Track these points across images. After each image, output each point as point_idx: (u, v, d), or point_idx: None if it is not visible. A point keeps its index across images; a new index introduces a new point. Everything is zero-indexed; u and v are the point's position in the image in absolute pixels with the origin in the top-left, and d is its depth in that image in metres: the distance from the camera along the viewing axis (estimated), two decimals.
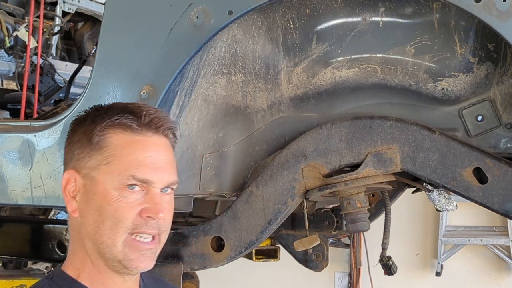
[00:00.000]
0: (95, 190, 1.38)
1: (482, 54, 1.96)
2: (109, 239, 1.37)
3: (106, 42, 2.03)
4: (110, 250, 1.37)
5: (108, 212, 1.36)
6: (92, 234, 1.39)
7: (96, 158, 1.39)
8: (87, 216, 1.39)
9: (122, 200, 1.36)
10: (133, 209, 1.36)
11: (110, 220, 1.36)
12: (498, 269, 5.31)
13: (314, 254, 2.89)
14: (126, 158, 1.37)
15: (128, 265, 1.38)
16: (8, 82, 3.79)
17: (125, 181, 1.36)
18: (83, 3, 4.17)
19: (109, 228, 1.36)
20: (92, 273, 1.41)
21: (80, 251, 1.42)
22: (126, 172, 1.36)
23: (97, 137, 1.39)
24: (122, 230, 1.36)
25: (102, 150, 1.39)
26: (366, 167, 1.98)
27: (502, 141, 2.01)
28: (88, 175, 1.39)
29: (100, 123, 1.40)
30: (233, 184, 2.18)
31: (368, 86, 2.09)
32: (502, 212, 1.90)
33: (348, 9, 2.01)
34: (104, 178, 1.37)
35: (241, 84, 2.10)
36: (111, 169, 1.37)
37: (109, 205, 1.36)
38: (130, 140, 1.39)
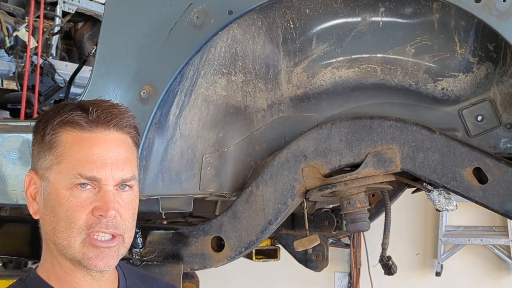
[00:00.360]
0: (49, 190, 1.35)
1: (482, 54, 1.96)
2: (65, 240, 1.34)
3: (106, 42, 2.03)
4: (68, 251, 1.34)
5: (61, 213, 1.33)
6: (51, 235, 1.37)
7: (49, 158, 1.36)
8: (45, 217, 1.37)
9: (73, 200, 1.32)
10: (84, 208, 1.32)
11: (63, 220, 1.33)
12: (498, 269, 5.30)
13: (314, 254, 2.89)
14: (74, 157, 1.33)
15: (87, 264, 1.34)
16: (8, 82, 3.79)
17: (73, 180, 1.32)
18: (83, 3, 4.17)
19: (63, 229, 1.33)
20: (60, 274, 1.39)
21: (47, 252, 1.41)
22: (73, 171, 1.32)
23: (48, 137, 1.36)
24: (76, 230, 1.33)
25: (53, 149, 1.35)
26: (366, 167, 1.98)
27: (502, 141, 2.01)
28: (43, 175, 1.37)
29: (52, 122, 1.37)
30: (233, 184, 2.18)
31: (368, 86, 2.09)
32: (502, 212, 1.90)
33: (348, 9, 2.01)
34: (55, 178, 1.34)
35: (241, 84, 2.10)
36: (61, 169, 1.34)
37: (60, 205, 1.33)
38: (79, 138, 1.35)
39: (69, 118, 1.35)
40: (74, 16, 4.21)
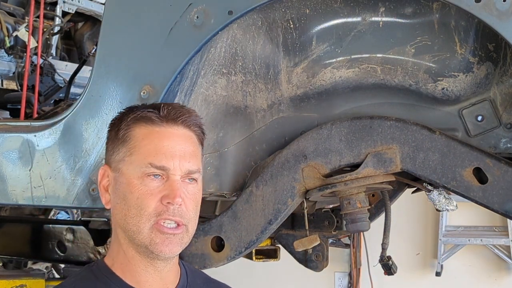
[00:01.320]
0: (121, 180, 1.47)
1: (482, 54, 1.96)
2: (135, 226, 1.44)
3: (106, 42, 2.03)
4: (137, 236, 1.45)
5: (132, 200, 1.45)
6: (121, 223, 1.48)
7: (122, 151, 1.49)
8: (116, 206, 1.49)
9: (143, 188, 1.45)
10: (153, 196, 1.44)
11: (134, 207, 1.45)
12: (498, 269, 5.31)
13: (314, 254, 2.89)
14: (145, 148, 1.47)
15: (154, 249, 1.45)
16: (8, 82, 3.79)
17: (144, 169, 1.44)
18: (83, 3, 4.18)
19: (134, 215, 1.45)
20: (124, 263, 1.49)
21: (115, 241, 1.52)
22: (145, 161, 1.45)
23: (122, 132, 1.50)
24: (145, 217, 1.44)
25: (126, 143, 1.49)
26: (366, 167, 1.97)
27: (502, 141, 2.01)
28: (116, 167, 1.49)
29: (125, 119, 1.51)
30: (233, 184, 2.18)
31: (368, 86, 2.09)
32: (502, 212, 1.89)
33: (348, 9, 2.01)
34: (127, 168, 1.47)
35: (241, 84, 2.10)
36: (133, 160, 1.47)
37: (131, 193, 1.45)
38: (150, 131, 1.48)
39: (142, 114, 1.49)
40: (74, 16, 4.21)
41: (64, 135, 2.05)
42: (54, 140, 2.06)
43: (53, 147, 2.07)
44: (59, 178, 2.05)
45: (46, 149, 2.07)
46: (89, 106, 2.01)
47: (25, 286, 2.86)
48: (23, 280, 2.87)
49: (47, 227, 3.20)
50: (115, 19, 2.03)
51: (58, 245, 3.13)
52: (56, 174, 2.06)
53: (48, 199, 2.09)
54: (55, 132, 2.06)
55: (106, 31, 2.03)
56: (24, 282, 2.86)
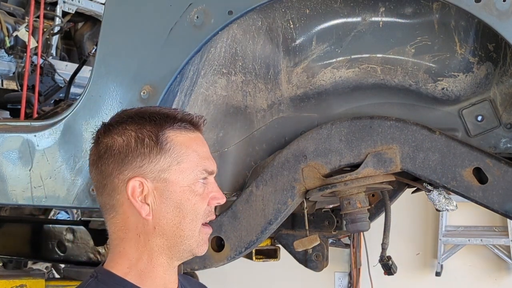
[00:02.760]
0: (172, 189, 1.48)
1: (482, 54, 1.96)
2: (190, 231, 1.49)
3: (106, 42, 2.03)
4: (188, 241, 1.49)
5: (188, 207, 1.48)
6: (170, 231, 1.48)
7: (165, 160, 1.48)
8: (166, 215, 1.48)
9: (197, 193, 1.49)
10: (205, 200, 1.50)
11: (190, 213, 1.48)
12: (498, 269, 5.31)
13: (314, 254, 2.89)
14: (194, 155, 1.50)
15: (199, 251, 1.51)
16: (8, 82, 3.79)
17: (199, 175, 1.50)
18: (83, 3, 4.18)
19: (190, 221, 1.48)
20: (145, 270, 1.49)
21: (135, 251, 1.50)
22: (198, 167, 1.50)
23: (161, 141, 1.48)
24: (199, 221, 1.50)
25: (169, 152, 1.48)
26: (366, 167, 1.97)
27: (502, 141, 2.01)
28: (158, 177, 1.48)
29: (159, 128, 1.49)
30: (233, 184, 2.18)
31: (368, 86, 2.09)
32: (502, 212, 1.89)
33: (348, 9, 2.01)
34: (178, 177, 1.48)
35: (241, 84, 2.10)
36: (183, 168, 1.49)
37: (188, 200, 1.48)
38: (189, 139, 1.52)
39: (176, 124, 1.51)
40: (74, 16, 4.21)
41: (64, 135, 2.05)
42: (54, 140, 2.06)
43: (53, 147, 2.07)
44: (59, 178, 2.06)
45: (46, 149, 2.07)
46: (89, 106, 2.01)
47: (25, 286, 2.86)
48: (23, 280, 2.87)
49: (47, 227, 3.20)
50: (115, 19, 2.03)
51: (58, 245, 3.13)
52: (56, 174, 2.06)
53: (48, 199, 2.09)
54: (55, 132, 2.06)
55: (106, 31, 2.03)
56: (24, 282, 2.86)
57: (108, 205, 1.51)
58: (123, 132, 1.50)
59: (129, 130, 1.49)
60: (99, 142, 1.52)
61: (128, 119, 1.52)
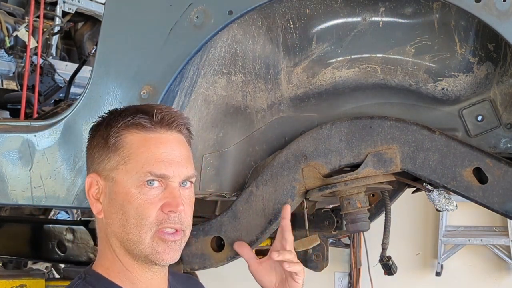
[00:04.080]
0: (116, 190, 1.43)
1: (482, 54, 1.96)
2: (135, 236, 1.41)
3: (106, 42, 2.03)
4: (137, 246, 1.42)
5: (131, 210, 1.41)
6: (118, 233, 1.43)
7: (114, 159, 1.44)
8: (112, 215, 1.44)
9: (142, 197, 1.41)
10: (153, 205, 1.41)
11: (133, 217, 1.41)
12: (498, 269, 5.31)
13: (314, 254, 2.89)
14: (142, 156, 1.42)
15: (155, 258, 1.42)
16: (8, 82, 3.79)
17: (143, 177, 1.41)
18: (83, 3, 4.18)
19: (134, 226, 1.41)
20: (121, 271, 1.46)
21: (108, 250, 1.47)
22: (143, 169, 1.41)
23: (113, 139, 1.44)
24: (146, 226, 1.41)
25: (119, 151, 1.43)
26: (366, 167, 1.97)
27: (502, 141, 2.01)
28: (108, 176, 1.44)
29: (115, 125, 1.45)
30: (233, 184, 2.18)
31: (368, 86, 2.09)
32: (502, 212, 1.89)
33: (348, 9, 2.01)
34: (123, 177, 1.42)
35: (241, 84, 2.10)
36: (129, 168, 1.42)
37: (130, 203, 1.41)
38: (145, 138, 1.44)
39: (133, 121, 1.44)
40: (74, 16, 4.21)
41: (64, 135, 2.05)
42: (54, 140, 2.06)
43: (53, 147, 2.06)
44: (59, 178, 2.05)
45: (46, 149, 2.07)
46: (89, 106, 2.01)
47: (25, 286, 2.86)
48: (23, 280, 2.87)
49: (47, 227, 3.20)
50: (115, 19, 2.03)
51: (58, 245, 3.13)
52: (56, 174, 2.06)
53: (48, 199, 2.09)
54: (55, 132, 2.06)
55: (106, 31, 2.03)
56: (24, 282, 2.87)
57: None
58: (98, 128, 1.50)
59: (101, 125, 1.49)
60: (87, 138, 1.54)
61: (109, 114, 1.51)
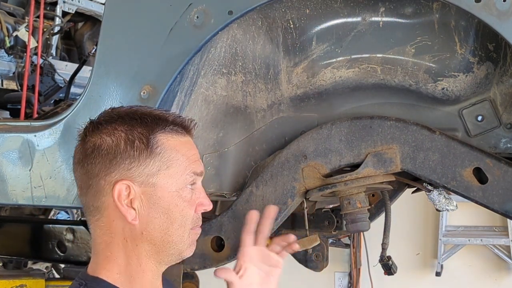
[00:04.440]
0: (160, 194, 1.44)
1: (482, 54, 1.96)
2: (179, 237, 1.46)
3: (106, 42, 2.03)
4: (177, 246, 1.47)
5: (176, 213, 1.45)
6: (157, 237, 1.45)
7: (154, 164, 1.44)
8: (153, 220, 1.44)
9: (185, 199, 1.46)
10: (193, 206, 1.48)
11: (178, 219, 1.45)
12: (498, 269, 5.31)
13: (314, 254, 2.89)
14: (183, 160, 1.47)
15: (188, 253, 1.49)
16: (8, 82, 3.79)
17: (188, 179, 1.47)
18: (83, 3, 4.18)
19: (178, 227, 1.45)
20: (134, 275, 1.45)
21: (123, 256, 1.45)
22: (186, 171, 1.46)
23: (150, 145, 1.44)
24: (188, 226, 1.47)
25: (159, 156, 1.44)
26: (366, 167, 1.97)
27: (502, 141, 2.01)
28: (147, 181, 1.44)
29: (149, 131, 1.45)
30: (233, 184, 2.18)
31: (368, 86, 2.09)
32: (502, 212, 1.89)
33: (348, 9, 2.01)
34: (166, 182, 1.44)
35: (241, 84, 2.10)
36: (172, 172, 1.45)
37: (177, 206, 1.45)
38: (179, 143, 1.48)
39: (168, 128, 1.47)
40: (74, 16, 4.21)
41: (64, 135, 2.05)
42: (54, 140, 2.06)
43: (53, 147, 2.07)
44: (59, 178, 2.05)
45: (46, 149, 2.07)
46: (89, 106, 2.01)
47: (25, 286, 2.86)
48: (23, 280, 2.88)
49: (47, 227, 3.20)
50: (115, 19, 2.03)
51: (58, 245, 3.13)
52: (56, 174, 2.06)
53: (48, 199, 2.09)
54: (55, 132, 2.06)
55: (106, 31, 2.03)
56: (24, 282, 2.87)
57: (92, 207, 1.46)
58: (112, 132, 1.44)
59: (119, 131, 1.44)
60: (86, 141, 1.46)
61: (118, 118, 1.46)
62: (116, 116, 1.48)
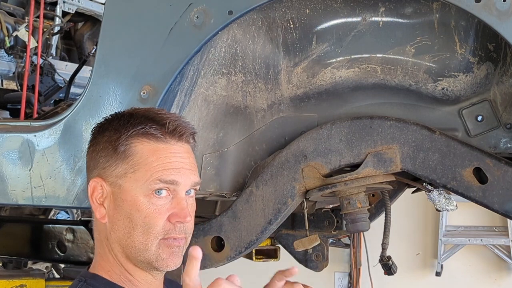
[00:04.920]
0: (124, 197, 1.42)
1: (482, 54, 1.96)
2: (141, 244, 1.42)
3: (106, 42, 2.03)
4: (142, 253, 1.42)
5: (139, 219, 1.41)
6: (122, 239, 1.43)
7: (122, 166, 1.43)
8: (117, 222, 1.43)
9: (151, 207, 1.40)
10: (161, 215, 1.41)
11: (141, 226, 1.41)
12: (498, 269, 5.31)
13: (314, 254, 2.89)
14: (152, 165, 1.42)
15: (159, 265, 1.42)
16: (8, 82, 3.79)
17: (153, 185, 1.41)
18: (83, 3, 4.18)
19: (140, 234, 1.41)
20: (122, 274, 1.46)
21: (109, 254, 1.46)
22: (153, 177, 1.41)
23: (122, 147, 1.43)
24: (153, 235, 1.41)
25: (128, 159, 1.43)
26: (366, 167, 1.97)
27: (502, 141, 2.01)
28: (115, 182, 1.44)
29: (125, 133, 1.44)
30: (233, 184, 2.18)
31: (368, 86, 2.09)
32: (502, 212, 1.90)
33: (348, 9, 2.01)
34: (131, 185, 1.42)
35: (241, 84, 2.10)
36: (138, 177, 1.42)
37: (138, 211, 1.41)
38: (155, 148, 1.43)
39: (144, 130, 1.43)
40: (74, 16, 4.21)
41: (64, 135, 2.05)
42: (54, 140, 2.06)
43: (53, 147, 2.07)
44: (59, 178, 2.05)
45: (46, 149, 2.07)
46: (89, 106, 2.01)
47: (25, 286, 2.86)
48: (23, 280, 2.87)
49: (47, 227, 3.20)
50: (115, 19, 2.03)
51: (58, 245, 3.13)
52: (56, 174, 2.06)
53: (48, 199, 2.09)
54: (55, 132, 2.06)
55: (106, 31, 2.03)
56: (24, 282, 2.86)
57: None
58: (103, 132, 1.48)
59: (107, 130, 1.47)
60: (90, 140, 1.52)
61: (115, 119, 1.48)
62: (117, 116, 1.50)
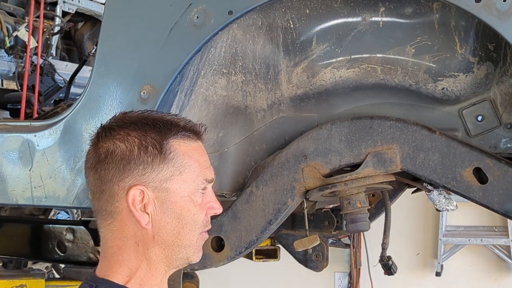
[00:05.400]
0: (173, 199, 1.46)
1: (482, 54, 1.96)
2: (188, 241, 1.48)
3: (106, 42, 2.03)
4: (186, 249, 1.48)
5: (188, 218, 1.47)
6: (168, 241, 1.47)
7: (167, 170, 1.46)
8: (166, 225, 1.46)
9: (197, 204, 1.48)
10: (203, 210, 1.49)
11: (190, 224, 1.47)
12: (498, 269, 5.31)
13: (314, 254, 2.89)
14: (195, 165, 1.49)
15: (195, 257, 1.50)
16: (8, 82, 3.80)
17: (199, 185, 1.48)
18: (83, 3, 4.18)
19: (188, 231, 1.47)
20: (145, 277, 1.48)
21: (134, 259, 1.47)
22: (199, 177, 1.49)
23: (164, 150, 1.46)
24: (198, 231, 1.49)
25: (172, 161, 1.46)
26: (366, 167, 1.98)
27: (502, 141, 2.01)
28: (160, 187, 1.46)
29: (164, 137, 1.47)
30: (233, 184, 2.18)
31: (368, 86, 2.09)
32: (502, 212, 1.90)
33: (348, 9, 2.01)
34: (179, 186, 1.46)
35: (241, 84, 2.10)
36: (185, 178, 1.47)
37: (189, 211, 1.47)
38: (191, 148, 1.50)
39: (181, 134, 1.49)
40: (74, 16, 4.22)
41: (64, 135, 2.05)
42: (54, 140, 2.06)
43: (53, 147, 2.07)
44: (59, 178, 2.06)
45: (46, 149, 2.07)
46: (89, 106, 2.01)
47: (25, 286, 2.86)
48: (23, 280, 2.87)
49: (47, 227, 3.20)
50: (115, 19, 2.03)
51: (58, 245, 3.14)
52: (56, 174, 2.06)
53: (48, 199, 2.09)
54: (55, 132, 2.06)
55: (106, 31, 2.03)
56: (24, 282, 2.87)
57: (104, 211, 1.47)
58: (125, 138, 1.46)
59: (132, 136, 1.46)
60: (99, 146, 1.48)
61: (131, 124, 1.48)
62: (129, 121, 1.49)
